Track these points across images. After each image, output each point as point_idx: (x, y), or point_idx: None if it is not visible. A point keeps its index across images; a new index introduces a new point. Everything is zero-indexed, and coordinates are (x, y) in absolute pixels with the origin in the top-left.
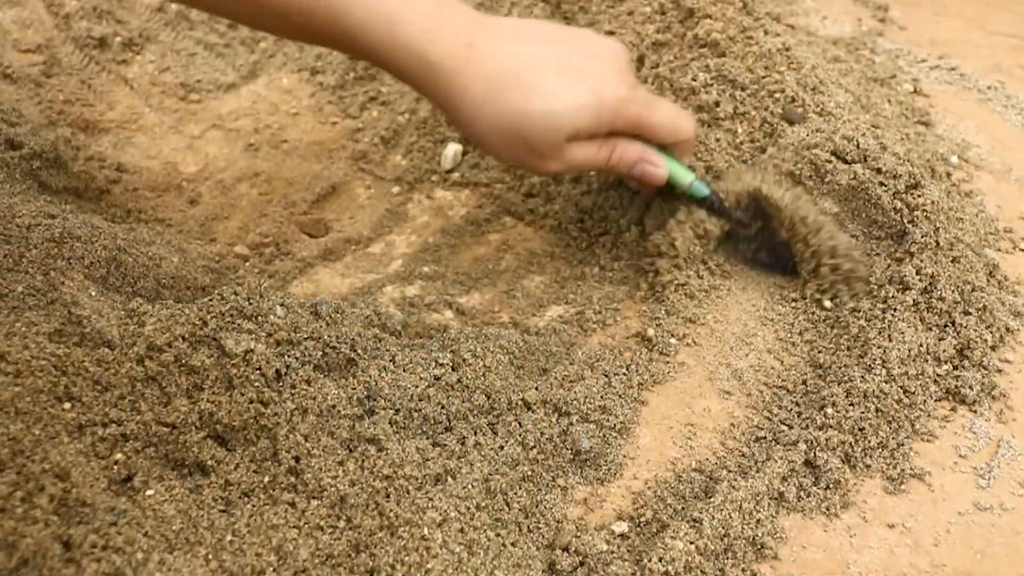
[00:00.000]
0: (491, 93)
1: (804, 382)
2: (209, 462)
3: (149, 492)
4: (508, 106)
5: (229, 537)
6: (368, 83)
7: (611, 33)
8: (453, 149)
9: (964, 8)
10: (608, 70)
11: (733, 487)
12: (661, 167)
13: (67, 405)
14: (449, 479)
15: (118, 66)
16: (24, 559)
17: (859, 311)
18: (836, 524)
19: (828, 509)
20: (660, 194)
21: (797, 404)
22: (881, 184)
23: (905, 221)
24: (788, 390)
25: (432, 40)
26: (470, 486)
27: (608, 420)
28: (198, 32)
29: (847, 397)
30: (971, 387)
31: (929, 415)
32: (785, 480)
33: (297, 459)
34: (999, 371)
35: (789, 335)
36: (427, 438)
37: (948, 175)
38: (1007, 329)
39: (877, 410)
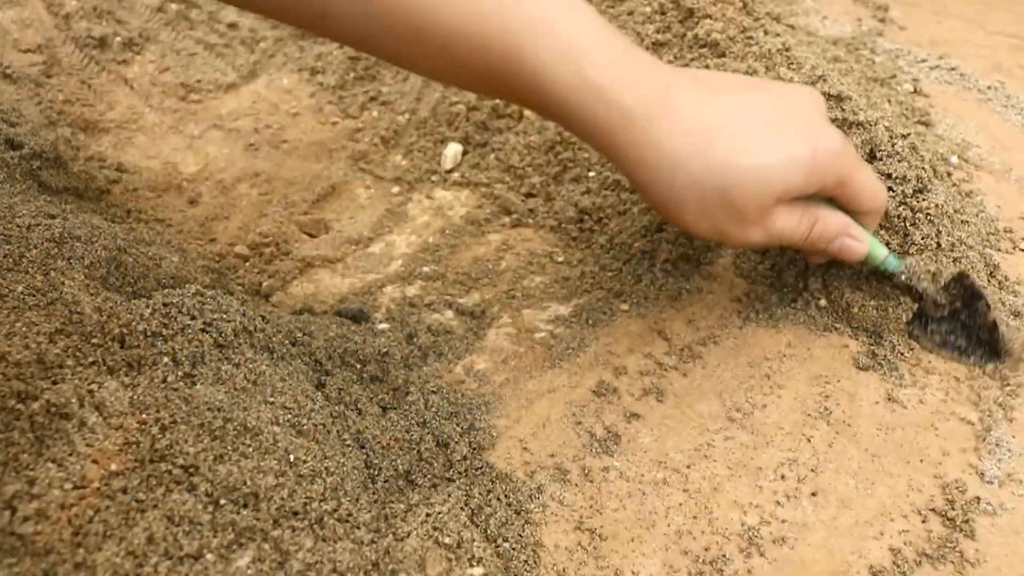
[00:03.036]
0: (692, 147)
1: None
2: None
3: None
4: (713, 161)
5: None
6: (368, 83)
7: None
8: (453, 149)
9: (964, 8)
10: (816, 120)
11: None
12: (862, 242)
13: None
14: None
15: (118, 66)
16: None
17: None
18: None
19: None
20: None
21: None
22: (889, 190)
23: (907, 224)
24: None
25: (627, 84)
26: None
27: None
28: (198, 32)
29: None
30: None
31: None
32: None
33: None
34: None
35: None
36: None
37: (948, 175)
38: None
39: None
